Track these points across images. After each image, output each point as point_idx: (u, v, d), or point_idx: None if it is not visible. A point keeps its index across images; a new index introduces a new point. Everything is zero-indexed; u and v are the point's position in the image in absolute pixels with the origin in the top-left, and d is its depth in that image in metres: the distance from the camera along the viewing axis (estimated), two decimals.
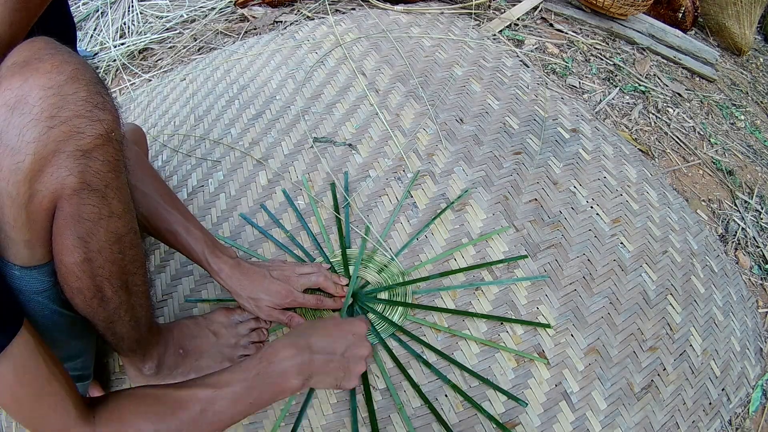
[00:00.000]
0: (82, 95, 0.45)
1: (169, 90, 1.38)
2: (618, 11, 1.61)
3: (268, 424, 0.77)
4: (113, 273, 0.55)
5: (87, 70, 0.47)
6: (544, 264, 0.95)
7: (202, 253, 0.77)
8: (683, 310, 0.94)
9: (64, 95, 0.44)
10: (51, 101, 0.44)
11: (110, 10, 1.68)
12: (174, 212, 0.76)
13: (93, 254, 0.52)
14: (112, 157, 0.49)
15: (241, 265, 0.80)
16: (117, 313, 0.59)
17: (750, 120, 1.51)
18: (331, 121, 1.20)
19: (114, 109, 0.49)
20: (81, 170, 0.47)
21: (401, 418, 0.77)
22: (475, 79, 1.30)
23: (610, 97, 1.37)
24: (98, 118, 0.47)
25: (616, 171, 1.12)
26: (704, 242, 1.08)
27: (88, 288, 0.54)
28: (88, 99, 0.46)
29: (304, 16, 1.58)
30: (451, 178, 1.07)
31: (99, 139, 0.47)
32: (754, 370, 0.93)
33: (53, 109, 0.44)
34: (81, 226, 0.49)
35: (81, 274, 0.52)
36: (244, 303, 0.81)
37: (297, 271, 0.85)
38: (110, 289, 0.56)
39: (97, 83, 0.47)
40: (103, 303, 0.57)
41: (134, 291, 0.60)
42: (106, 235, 0.52)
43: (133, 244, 0.57)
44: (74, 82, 0.45)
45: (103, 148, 0.48)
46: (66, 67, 0.45)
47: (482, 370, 0.82)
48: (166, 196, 0.77)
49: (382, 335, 0.85)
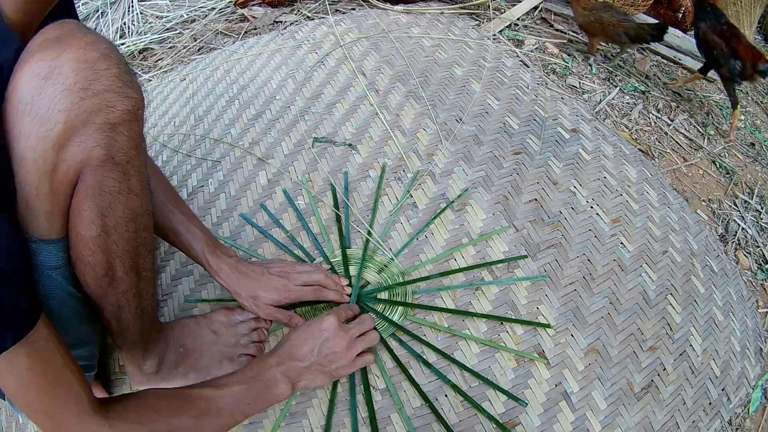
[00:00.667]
0: (114, 72, 0.48)
1: (169, 90, 1.38)
2: None
3: (268, 424, 0.77)
4: (126, 252, 0.56)
5: (117, 51, 0.49)
6: (544, 264, 0.95)
7: (202, 252, 0.78)
8: (683, 310, 0.94)
9: (97, 70, 0.46)
10: (84, 74, 0.46)
11: (110, 10, 1.68)
12: (176, 211, 0.77)
13: (109, 229, 0.53)
14: (136, 134, 0.51)
15: (241, 264, 0.81)
16: (126, 297, 0.60)
17: (750, 120, 1.51)
18: (331, 121, 1.20)
19: (140, 89, 0.51)
20: (108, 143, 0.48)
21: (401, 418, 0.77)
22: (475, 79, 1.30)
23: (610, 97, 1.37)
24: (127, 95, 0.49)
25: (616, 171, 1.12)
26: (704, 242, 1.08)
27: (100, 264, 0.55)
28: (119, 76, 0.48)
29: (304, 16, 1.58)
30: (451, 178, 1.07)
31: (127, 115, 0.49)
32: (754, 370, 0.93)
33: (86, 82, 0.46)
34: (101, 199, 0.51)
35: (95, 248, 0.53)
36: (243, 302, 0.82)
37: (296, 269, 0.85)
38: (121, 268, 0.57)
39: (126, 64, 0.50)
40: (113, 283, 0.57)
41: (143, 276, 0.61)
42: (123, 211, 0.53)
43: (147, 227, 0.58)
44: (107, 60, 0.47)
45: (130, 124, 0.50)
46: (99, 45, 0.47)
47: (482, 370, 0.82)
48: (169, 195, 0.78)
49: (382, 335, 0.85)
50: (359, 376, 0.81)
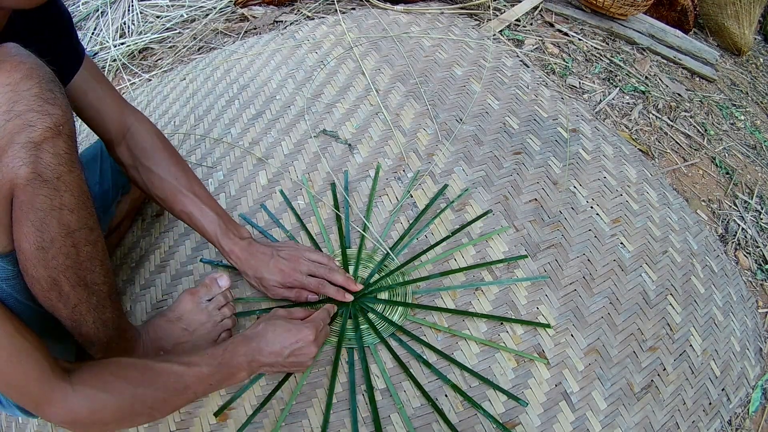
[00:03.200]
0: (35, 91, 0.49)
1: (169, 90, 1.38)
2: (618, 11, 1.61)
3: (268, 424, 0.77)
4: (67, 266, 0.56)
5: (41, 69, 0.50)
6: (544, 264, 0.95)
7: (214, 234, 0.80)
8: (683, 310, 0.94)
9: (18, 91, 0.48)
10: (8, 96, 0.47)
11: (110, 9, 1.67)
12: (189, 194, 0.80)
13: (46, 244, 0.53)
14: (62, 150, 0.52)
15: (252, 245, 0.83)
16: (78, 311, 0.60)
17: (750, 120, 1.51)
18: (331, 120, 1.20)
19: (65, 105, 0.52)
20: (33, 161, 0.49)
21: (401, 418, 0.77)
22: (475, 79, 1.30)
23: (610, 97, 1.37)
24: (48, 112, 0.50)
25: (616, 171, 1.12)
26: (704, 242, 1.08)
27: (44, 278, 0.55)
28: (39, 95, 0.49)
29: (304, 15, 1.58)
30: (451, 178, 1.07)
31: (48, 132, 0.50)
32: (754, 370, 0.93)
33: (9, 104, 0.48)
34: (34, 215, 0.52)
35: (36, 262, 0.54)
36: (251, 282, 0.84)
37: (306, 255, 0.85)
38: (67, 283, 0.57)
39: (50, 81, 0.51)
40: (61, 298, 0.58)
41: (94, 290, 0.61)
42: (58, 226, 0.54)
43: (89, 241, 0.58)
44: (28, 80, 0.49)
45: (53, 141, 0.51)
46: (22, 66, 0.49)
47: (482, 370, 0.82)
48: (183, 179, 0.80)
49: (382, 335, 0.85)
50: (360, 376, 0.81)
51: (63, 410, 0.54)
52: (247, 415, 0.77)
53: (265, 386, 0.80)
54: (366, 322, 0.86)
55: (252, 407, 0.78)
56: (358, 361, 0.82)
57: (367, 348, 0.84)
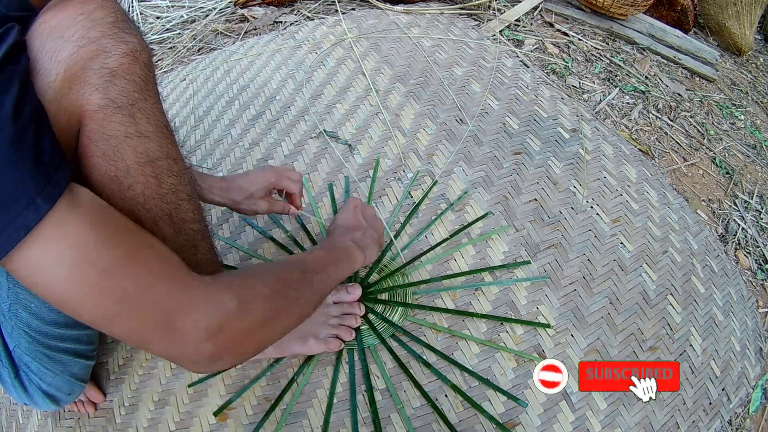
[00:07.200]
0: (110, 20, 0.48)
1: (169, 90, 1.38)
2: (618, 11, 1.61)
3: (269, 424, 0.77)
4: (147, 198, 0.52)
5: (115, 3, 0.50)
6: (544, 264, 0.95)
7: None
8: (683, 310, 0.94)
9: (93, 19, 0.47)
10: (81, 24, 0.47)
11: None
12: None
13: (121, 173, 0.50)
14: (138, 77, 0.50)
15: (226, 178, 0.83)
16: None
17: (750, 120, 1.51)
18: (331, 121, 1.20)
19: (139, 33, 0.51)
20: (105, 87, 0.48)
21: (401, 418, 0.77)
22: (475, 80, 1.30)
23: (610, 98, 1.37)
24: (125, 40, 0.48)
25: (616, 171, 1.12)
26: (704, 242, 1.08)
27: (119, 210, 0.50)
28: (115, 23, 0.48)
29: (304, 16, 1.58)
30: (451, 178, 1.07)
31: (125, 58, 0.48)
32: (754, 370, 0.93)
33: (83, 31, 0.46)
34: (106, 143, 0.49)
35: (110, 195, 0.50)
36: (244, 207, 0.83)
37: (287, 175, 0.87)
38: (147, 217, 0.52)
39: (124, 12, 0.50)
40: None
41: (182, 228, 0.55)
42: (134, 154, 0.50)
43: (173, 173, 0.53)
44: (102, 9, 0.48)
45: (129, 67, 0.49)
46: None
47: (482, 370, 0.82)
48: None
49: (382, 336, 0.85)
50: (360, 376, 0.81)
51: (210, 307, 0.47)
52: (247, 415, 0.77)
53: (265, 386, 0.80)
54: (366, 322, 0.86)
55: (252, 407, 0.78)
56: (359, 361, 0.82)
57: (367, 348, 0.84)
